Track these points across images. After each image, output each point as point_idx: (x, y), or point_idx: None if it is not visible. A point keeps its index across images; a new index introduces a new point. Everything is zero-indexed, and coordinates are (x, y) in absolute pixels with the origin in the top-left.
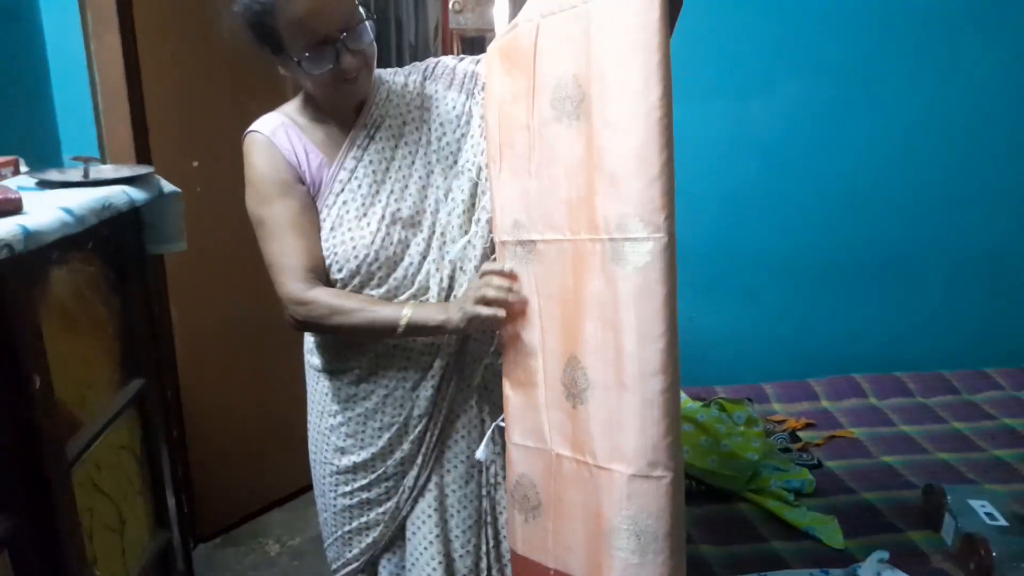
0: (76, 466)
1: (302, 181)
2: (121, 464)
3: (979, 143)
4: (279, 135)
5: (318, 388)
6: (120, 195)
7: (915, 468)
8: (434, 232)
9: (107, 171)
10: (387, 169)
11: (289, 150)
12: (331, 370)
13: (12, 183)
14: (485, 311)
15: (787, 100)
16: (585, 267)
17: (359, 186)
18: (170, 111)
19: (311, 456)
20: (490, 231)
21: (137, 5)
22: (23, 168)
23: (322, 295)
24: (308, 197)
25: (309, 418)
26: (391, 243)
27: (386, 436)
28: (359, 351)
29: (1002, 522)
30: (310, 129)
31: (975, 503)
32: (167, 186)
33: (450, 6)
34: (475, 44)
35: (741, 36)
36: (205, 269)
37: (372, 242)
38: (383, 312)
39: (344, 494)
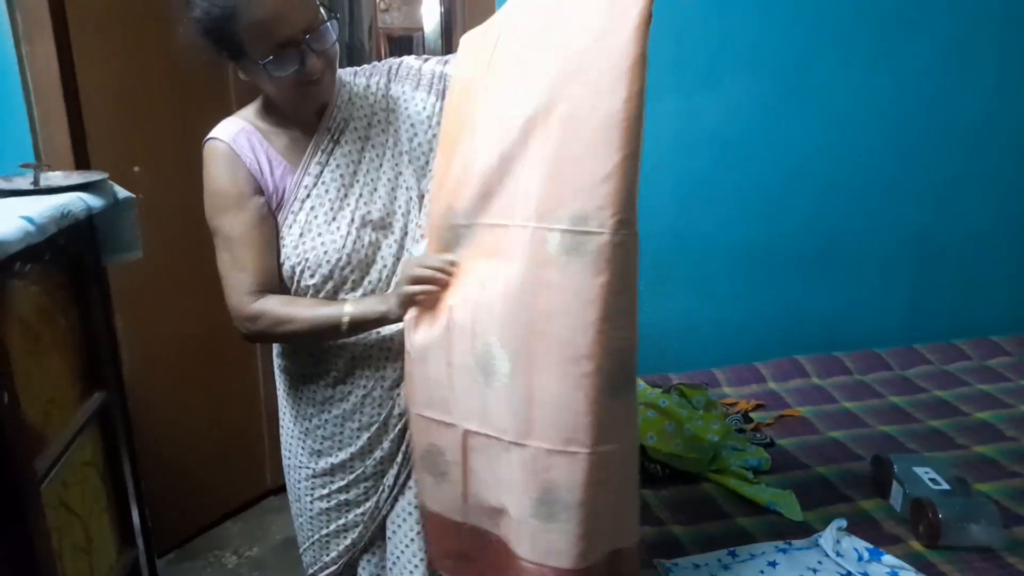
0: (44, 485)
1: (262, 192)
2: (87, 480)
3: (906, 133)
4: (240, 142)
5: (290, 392)
6: (78, 202)
7: (860, 441)
8: (406, 233)
9: (57, 178)
10: (355, 172)
11: (251, 159)
12: (305, 374)
13: None
14: (415, 288)
15: (731, 95)
16: (517, 253)
17: (326, 191)
18: (109, 115)
19: (285, 461)
20: None
21: (70, 5)
22: None
23: (268, 306)
24: (266, 208)
25: (282, 423)
26: (362, 246)
27: (365, 436)
28: (335, 353)
29: (945, 486)
30: (272, 135)
31: (919, 470)
32: (121, 192)
33: (377, 5)
34: (402, 44)
35: (685, 35)
36: (150, 277)
37: (343, 246)
38: (324, 313)
39: (321, 497)
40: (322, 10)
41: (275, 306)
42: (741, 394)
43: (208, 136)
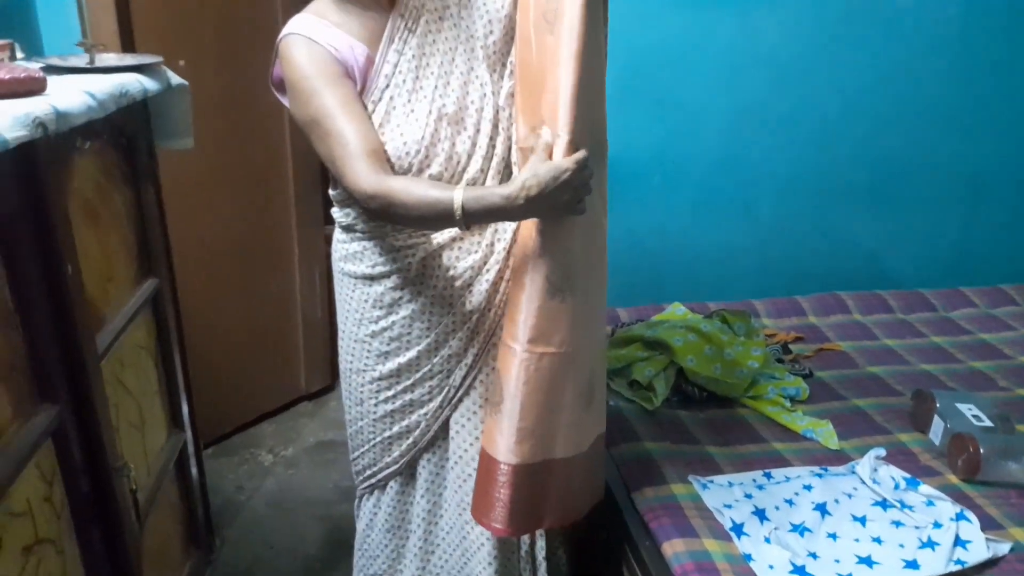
0: (103, 361)
1: (349, 76)
2: (140, 362)
3: (971, 64)
4: (318, 32)
5: (355, 296)
6: (135, 83)
7: (899, 378)
8: (479, 130)
9: (111, 59)
10: (428, 64)
11: (333, 47)
12: (373, 276)
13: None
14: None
15: (791, 15)
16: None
17: (403, 80)
18: (157, 7)
19: (346, 366)
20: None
21: None
22: (19, 54)
23: (384, 186)
24: (355, 90)
25: (343, 328)
26: (438, 140)
27: (433, 334)
28: (405, 254)
29: (987, 423)
30: (346, 24)
31: (962, 407)
32: (175, 79)
33: None
34: None
35: None
36: (193, 174)
37: (422, 137)
38: (437, 196)
39: (387, 399)
40: None
41: (391, 184)
42: (780, 326)
43: (282, 34)
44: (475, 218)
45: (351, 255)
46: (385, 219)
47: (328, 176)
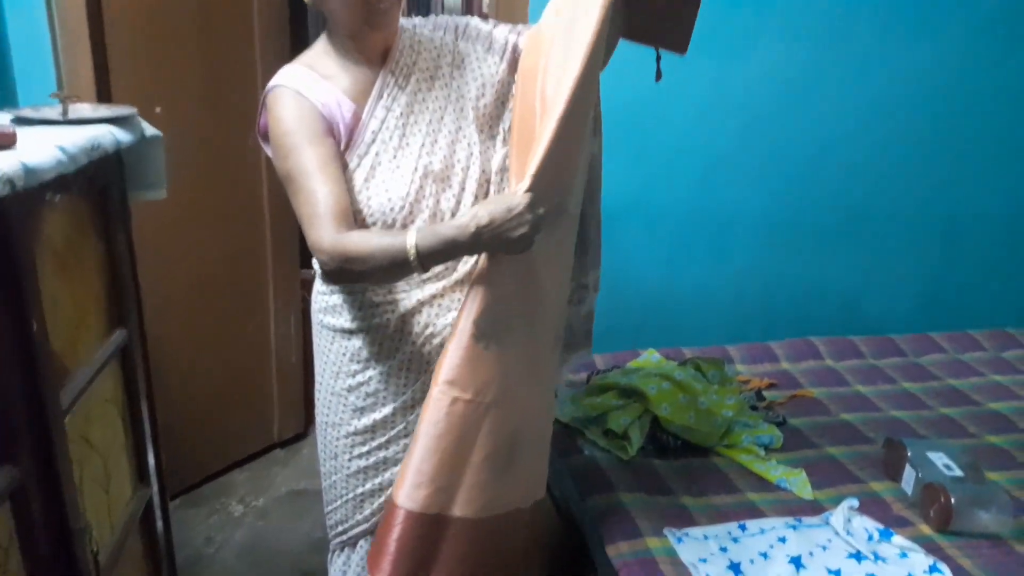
0: (68, 416)
1: (332, 134)
2: (107, 417)
3: (939, 112)
4: (306, 85)
5: (333, 348)
6: (107, 135)
7: (871, 424)
8: (463, 188)
9: (85, 110)
10: (416, 122)
11: (320, 100)
12: (352, 330)
13: None
14: (494, 218)
15: (763, 64)
16: None
17: (390, 136)
18: (133, 52)
19: (321, 419)
20: None
21: None
22: None
23: (342, 241)
24: (336, 149)
25: (320, 380)
26: (423, 196)
27: (409, 391)
28: (385, 308)
29: (958, 472)
30: (336, 77)
31: (933, 455)
32: (149, 129)
33: None
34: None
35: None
36: (168, 219)
37: (407, 194)
38: (390, 243)
39: (360, 455)
40: None
41: (347, 241)
42: (754, 372)
43: (271, 85)
44: (430, 255)
45: (330, 308)
46: (344, 279)
47: None
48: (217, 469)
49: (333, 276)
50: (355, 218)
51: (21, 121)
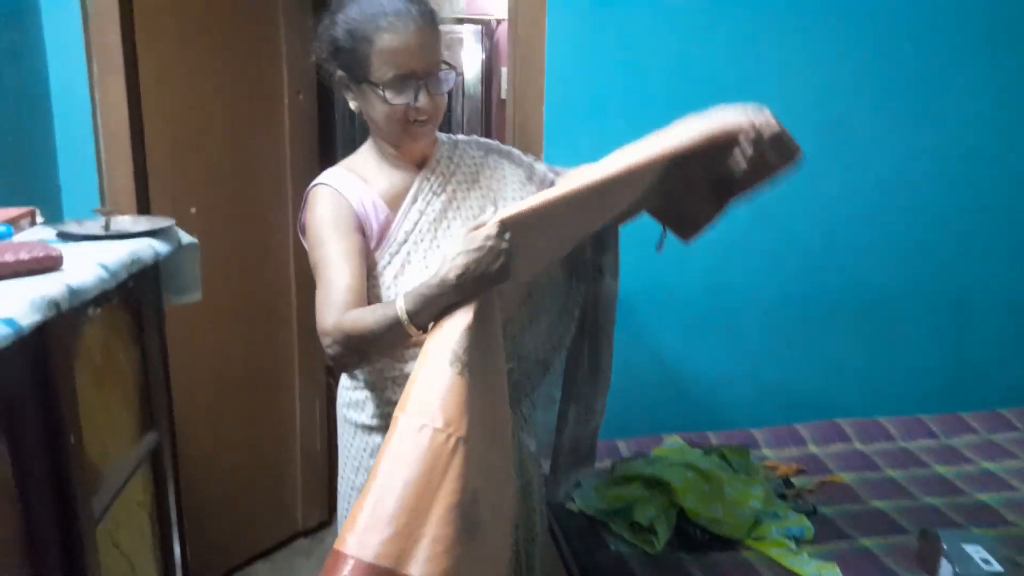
0: (100, 525)
1: (363, 232)
2: (136, 520)
3: (946, 194)
4: (346, 186)
5: (355, 443)
6: (147, 249)
7: (904, 513)
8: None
9: (126, 223)
10: (449, 226)
11: (357, 201)
12: (374, 426)
13: (31, 234)
14: (468, 258)
15: None
16: None
17: (421, 239)
18: (170, 158)
19: (342, 512)
20: None
21: (141, 52)
22: (39, 219)
23: (341, 319)
24: (363, 245)
25: (341, 473)
26: None
27: None
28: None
29: (996, 567)
30: (374, 181)
31: (970, 548)
32: (185, 237)
33: None
34: None
35: (726, 93)
36: (200, 317)
37: None
38: (383, 312)
39: None
40: (445, 61)
41: (346, 319)
42: (781, 456)
43: (314, 183)
44: (419, 313)
45: (354, 403)
46: (349, 359)
47: None
48: (241, 561)
49: (338, 358)
50: None
51: (65, 236)
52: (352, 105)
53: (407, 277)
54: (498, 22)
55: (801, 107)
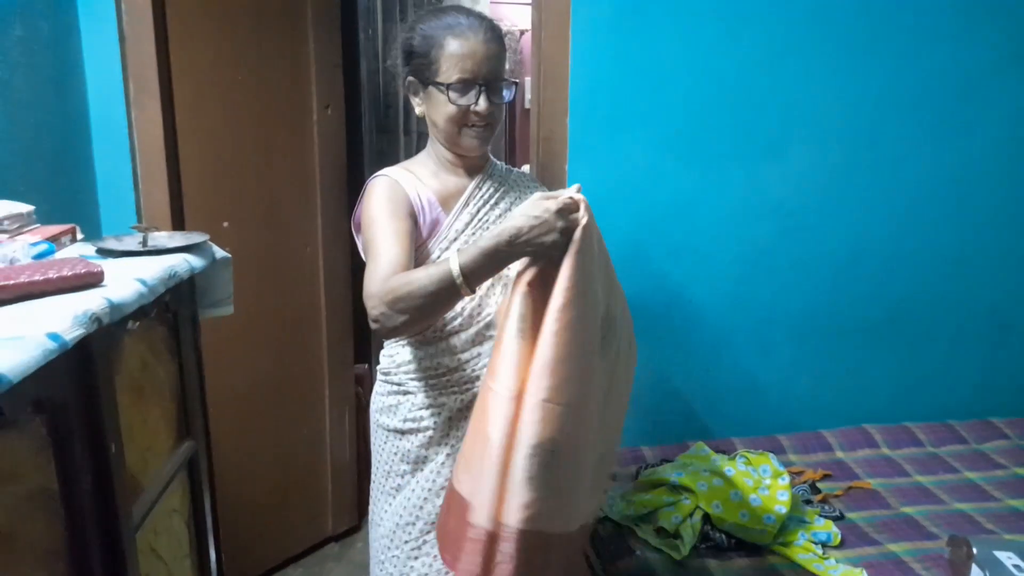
0: (139, 532)
1: (415, 220)
2: (173, 527)
3: (977, 203)
4: (403, 179)
5: (386, 448)
6: (183, 264)
7: (934, 519)
8: None
9: (162, 239)
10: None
11: (413, 193)
12: (403, 430)
13: (72, 251)
14: (530, 221)
15: (797, 165)
16: None
17: (466, 242)
18: (203, 175)
19: (371, 515)
20: None
21: (175, 73)
22: (79, 236)
23: (388, 282)
24: (414, 228)
25: (374, 477)
26: (493, 294)
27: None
28: (433, 412)
29: None
30: (429, 180)
31: (1002, 555)
32: (219, 252)
33: None
34: None
35: (753, 105)
36: (232, 329)
37: (477, 290)
38: (436, 271)
39: (408, 555)
40: (507, 71)
41: (393, 281)
42: (807, 462)
43: (373, 175)
44: (473, 272)
45: (386, 408)
46: (393, 320)
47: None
48: (272, 565)
49: (382, 320)
50: None
51: (104, 253)
52: (418, 110)
53: None
54: (522, 32)
55: (829, 117)
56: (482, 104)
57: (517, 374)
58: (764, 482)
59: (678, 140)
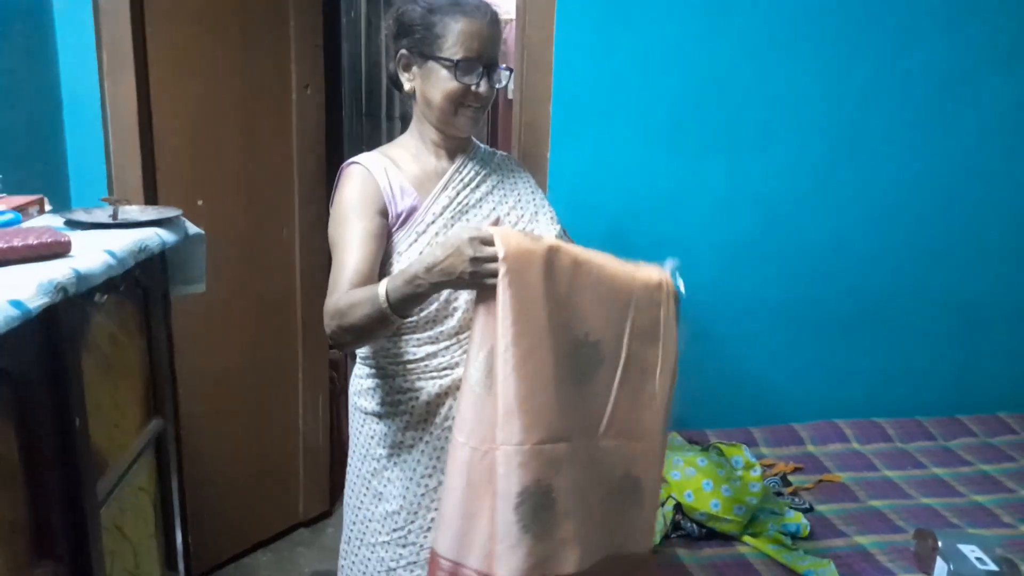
0: (103, 508)
1: (385, 214)
2: (139, 505)
3: (955, 200)
4: (377, 167)
5: (363, 431)
6: (154, 238)
7: (901, 512)
8: None
9: (133, 212)
10: (477, 215)
11: (385, 185)
12: (381, 414)
13: (39, 221)
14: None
15: (780, 158)
16: None
17: (444, 225)
18: (179, 152)
19: (346, 500)
20: None
21: (152, 48)
22: (47, 207)
23: (338, 299)
24: (384, 229)
25: (350, 462)
26: None
27: (435, 480)
28: (410, 396)
29: (992, 566)
30: (407, 165)
31: (965, 548)
32: (192, 228)
33: None
34: None
35: (737, 97)
36: (205, 309)
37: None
38: (366, 294)
39: (378, 544)
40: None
41: (340, 298)
42: (779, 455)
43: (348, 161)
44: (399, 296)
45: (363, 391)
46: (343, 338)
47: None
48: (242, 549)
49: (334, 339)
50: None
51: (73, 224)
52: (407, 86)
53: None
54: (506, 22)
55: (813, 111)
56: (484, 86)
57: (484, 423)
58: (736, 473)
59: (662, 130)
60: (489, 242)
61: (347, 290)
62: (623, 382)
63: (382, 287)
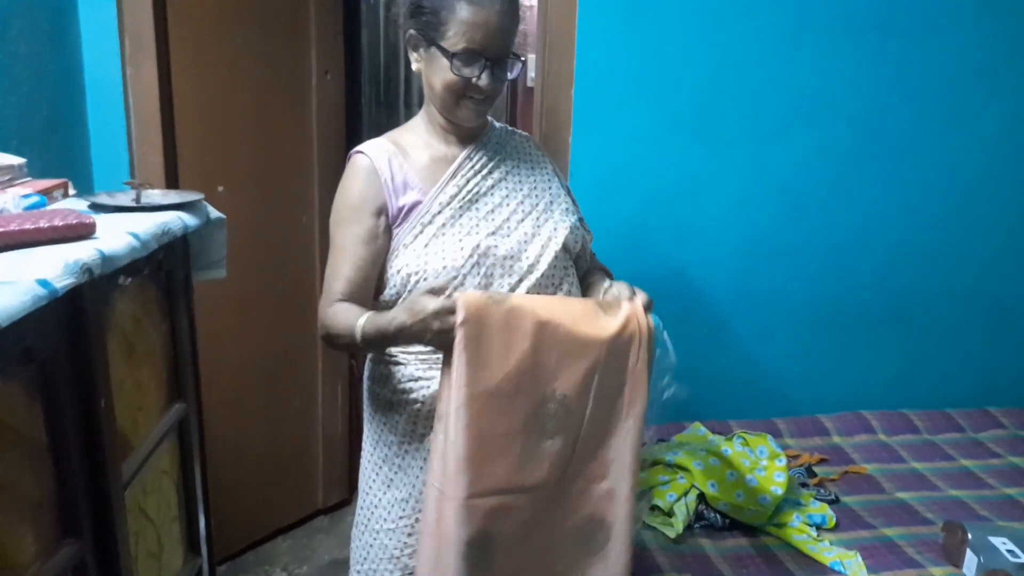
0: (127, 489)
1: (385, 212)
2: (162, 488)
3: (984, 192)
4: (382, 159)
5: (377, 418)
6: (176, 221)
7: (929, 505)
8: (531, 274)
9: (156, 196)
10: (486, 203)
11: (388, 176)
12: (393, 401)
13: (63, 205)
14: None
15: (803, 150)
16: None
17: (452, 215)
18: (199, 138)
19: (360, 485)
20: None
21: (173, 35)
22: (71, 191)
23: (327, 312)
24: (383, 227)
25: (364, 447)
26: (477, 273)
27: None
28: (422, 384)
29: (1023, 558)
30: (415, 152)
31: (996, 540)
32: (213, 212)
33: None
34: None
35: (761, 86)
36: (225, 296)
37: (462, 266)
38: (347, 323)
39: (385, 530)
40: (515, 52)
41: (328, 312)
42: (804, 446)
43: (354, 150)
44: (371, 339)
45: (378, 377)
46: (332, 346)
47: None
48: (261, 536)
49: (327, 344)
50: (409, 277)
51: (97, 207)
52: (415, 66)
53: (437, 245)
54: (528, 9)
55: (838, 103)
56: (484, 80)
57: (442, 470)
58: (761, 463)
59: (685, 118)
60: (453, 311)
61: (337, 300)
62: (590, 431)
63: (359, 326)
